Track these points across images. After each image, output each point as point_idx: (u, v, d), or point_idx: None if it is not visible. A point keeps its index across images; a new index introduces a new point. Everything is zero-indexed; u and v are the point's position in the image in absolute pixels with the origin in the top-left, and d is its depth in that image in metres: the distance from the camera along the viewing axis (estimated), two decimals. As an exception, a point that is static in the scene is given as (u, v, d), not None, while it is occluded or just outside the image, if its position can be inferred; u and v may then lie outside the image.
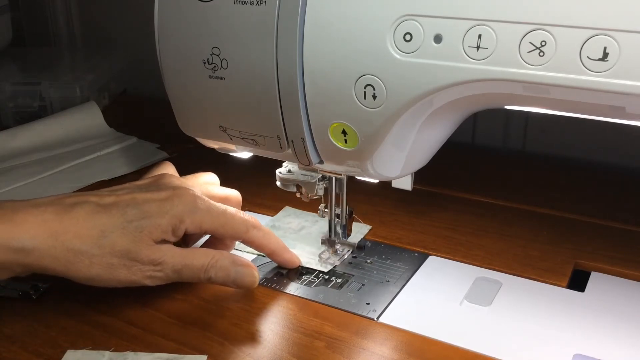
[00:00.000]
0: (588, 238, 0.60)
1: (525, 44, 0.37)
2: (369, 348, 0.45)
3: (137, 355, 0.44)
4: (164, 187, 0.50)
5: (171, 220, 0.47)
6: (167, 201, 0.48)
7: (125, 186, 0.51)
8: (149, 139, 0.84)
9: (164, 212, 0.47)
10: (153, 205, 0.47)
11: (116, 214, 0.46)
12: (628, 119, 0.41)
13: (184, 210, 0.48)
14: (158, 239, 0.47)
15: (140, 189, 0.50)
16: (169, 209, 0.47)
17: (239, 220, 0.50)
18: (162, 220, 0.47)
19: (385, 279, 0.53)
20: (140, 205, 0.47)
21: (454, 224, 0.62)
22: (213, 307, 0.50)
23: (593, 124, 0.48)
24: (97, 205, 0.47)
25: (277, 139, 0.48)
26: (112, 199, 0.47)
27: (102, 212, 0.46)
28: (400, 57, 0.40)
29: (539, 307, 0.50)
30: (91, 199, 0.47)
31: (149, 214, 0.47)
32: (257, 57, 0.45)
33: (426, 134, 0.47)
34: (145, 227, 0.46)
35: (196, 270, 0.48)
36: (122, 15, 1.10)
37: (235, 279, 0.49)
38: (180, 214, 0.47)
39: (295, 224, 0.63)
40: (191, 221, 0.48)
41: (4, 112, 0.90)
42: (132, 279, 0.47)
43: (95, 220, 0.46)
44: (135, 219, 0.46)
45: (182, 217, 0.47)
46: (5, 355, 0.45)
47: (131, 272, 0.47)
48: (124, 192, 0.49)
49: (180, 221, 0.47)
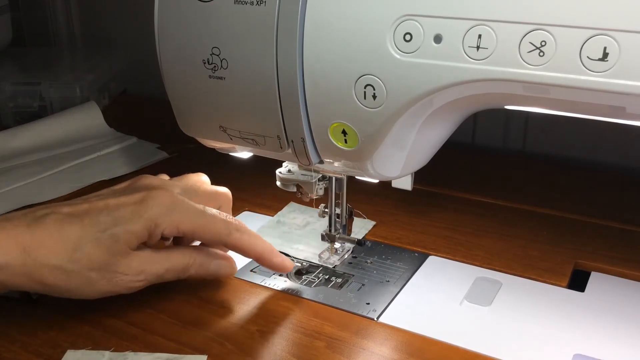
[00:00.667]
0: (588, 238, 0.60)
1: (525, 44, 0.37)
2: (369, 348, 0.45)
3: (137, 355, 0.44)
4: (139, 189, 0.48)
5: (146, 224, 0.45)
6: (141, 204, 0.45)
7: (101, 192, 0.49)
8: (149, 139, 0.84)
9: (138, 216, 0.45)
10: (127, 210, 0.45)
11: (89, 224, 0.44)
12: (628, 119, 0.41)
13: (159, 213, 0.45)
14: (135, 246, 0.46)
15: (114, 194, 0.48)
16: (142, 213, 0.45)
17: (220, 221, 0.48)
18: (137, 226, 0.45)
19: (385, 279, 0.53)
20: (113, 211, 0.45)
21: (454, 224, 0.62)
22: (213, 307, 0.50)
23: (593, 124, 0.48)
24: (69, 215, 0.45)
25: (277, 139, 0.48)
26: (84, 207, 0.45)
27: (74, 222, 0.44)
28: (400, 57, 0.40)
29: (539, 307, 0.50)
30: (63, 210, 0.45)
31: (123, 220, 0.45)
32: (257, 57, 0.45)
33: (426, 134, 0.47)
34: (120, 236, 0.44)
35: (177, 272, 0.48)
36: (122, 15, 1.10)
37: (214, 272, 0.50)
38: (154, 217, 0.45)
39: (300, 219, 0.63)
40: (167, 223, 0.46)
41: (4, 112, 0.90)
42: (115, 290, 0.46)
43: (67, 232, 0.44)
44: (109, 226, 0.44)
45: (157, 220, 0.45)
46: (5, 355, 0.45)
47: (112, 283, 0.45)
48: (97, 198, 0.47)
49: (156, 224, 0.45)
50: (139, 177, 0.51)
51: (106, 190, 0.50)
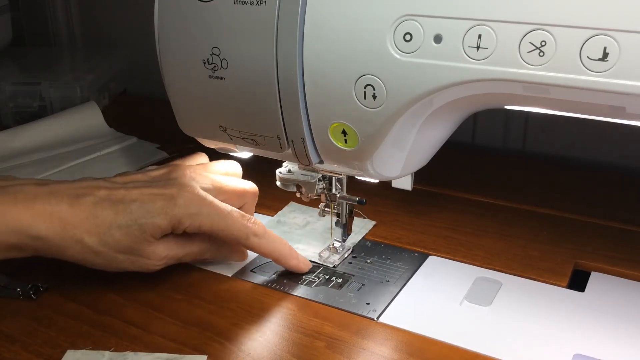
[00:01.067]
0: (588, 238, 0.60)
1: (525, 44, 0.37)
2: (369, 348, 0.45)
3: (137, 355, 0.44)
4: (172, 182, 0.51)
5: (171, 221, 0.49)
6: (170, 201, 0.49)
7: (137, 178, 0.53)
8: (149, 139, 0.84)
9: (165, 213, 0.48)
10: (157, 204, 0.49)
11: (122, 211, 0.48)
12: (628, 119, 0.41)
13: (185, 213, 0.49)
14: (159, 236, 0.49)
15: (149, 183, 0.51)
16: (169, 210, 0.49)
17: (239, 226, 0.50)
18: (163, 222, 0.48)
19: (385, 279, 0.53)
20: (145, 203, 0.49)
21: (454, 224, 0.62)
22: (213, 307, 0.50)
23: (593, 124, 0.48)
24: (105, 199, 0.49)
25: (277, 139, 0.48)
26: (120, 194, 0.49)
27: (109, 207, 0.48)
28: (400, 57, 0.40)
29: (539, 307, 0.50)
30: (100, 192, 0.49)
31: (151, 214, 0.48)
32: (257, 57, 0.45)
33: (426, 134, 0.47)
34: (147, 227, 0.48)
35: (194, 255, 0.53)
36: (122, 15, 1.10)
37: (226, 258, 0.55)
38: (179, 216, 0.49)
39: (301, 219, 0.63)
40: (190, 223, 0.49)
41: (4, 112, 0.90)
42: (136, 269, 0.50)
43: (102, 216, 0.48)
44: (138, 217, 0.48)
45: (181, 220, 0.49)
46: (5, 355, 0.45)
47: (135, 265, 0.50)
48: (133, 185, 0.51)
49: (179, 222, 0.49)
50: (176, 166, 0.54)
51: (142, 175, 0.53)
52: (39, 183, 0.50)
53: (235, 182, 0.56)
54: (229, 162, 0.57)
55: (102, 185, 0.50)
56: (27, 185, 0.49)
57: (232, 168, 0.57)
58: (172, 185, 0.50)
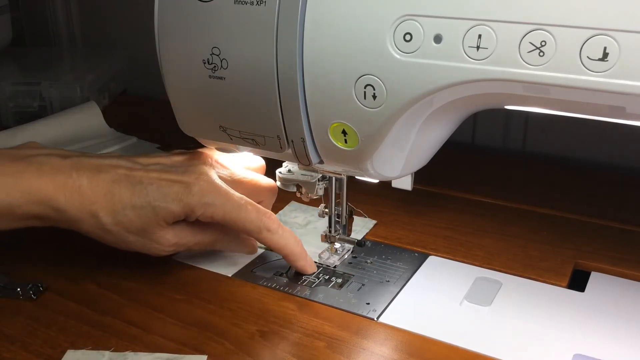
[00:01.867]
0: (588, 238, 0.60)
1: (525, 44, 0.37)
2: (369, 348, 0.45)
3: (137, 355, 0.44)
4: (191, 170, 0.51)
5: (184, 208, 0.49)
6: (186, 188, 0.49)
7: (159, 161, 0.53)
8: (149, 139, 0.84)
9: (179, 199, 0.49)
10: (173, 189, 0.49)
11: (138, 192, 0.49)
12: (628, 119, 0.41)
13: (198, 202, 0.49)
14: (171, 222, 0.50)
15: (169, 168, 0.52)
16: (183, 197, 0.49)
17: (253, 219, 0.51)
18: (176, 208, 0.49)
19: (385, 279, 0.53)
20: (162, 187, 0.49)
21: (454, 224, 0.62)
22: (213, 307, 0.50)
23: (593, 124, 0.48)
24: (124, 177, 0.50)
25: (277, 139, 0.48)
26: (139, 175, 0.50)
27: (127, 186, 0.49)
28: (400, 57, 0.40)
29: (539, 307, 0.50)
30: (120, 170, 0.50)
31: (166, 198, 0.49)
32: (257, 57, 0.45)
33: (426, 134, 0.47)
34: (160, 211, 0.49)
35: (205, 245, 0.53)
36: (122, 15, 1.10)
37: (236, 249, 0.56)
38: (193, 205, 0.49)
39: (302, 218, 0.63)
40: (202, 211, 0.50)
41: (4, 112, 0.90)
42: (144, 251, 0.51)
43: (119, 194, 0.49)
44: (153, 200, 0.49)
45: (194, 208, 0.49)
46: (5, 355, 0.45)
47: (145, 247, 0.51)
48: (154, 167, 0.51)
49: (192, 210, 0.49)
50: (199, 153, 0.54)
51: (165, 158, 0.54)
52: (64, 155, 0.51)
53: (255, 177, 0.56)
54: (253, 156, 0.58)
55: (124, 164, 0.51)
56: (52, 156, 0.51)
57: (255, 162, 0.58)
58: (191, 172, 0.51)
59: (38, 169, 0.49)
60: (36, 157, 0.50)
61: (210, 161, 0.53)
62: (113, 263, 0.54)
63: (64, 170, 0.49)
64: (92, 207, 0.49)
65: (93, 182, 0.49)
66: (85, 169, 0.50)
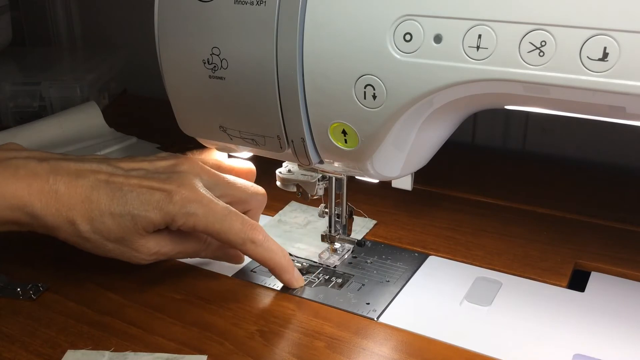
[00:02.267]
0: (588, 238, 0.60)
1: (525, 44, 0.37)
2: (369, 348, 0.45)
3: (137, 355, 0.44)
4: (174, 178, 0.49)
5: (165, 218, 0.48)
6: (167, 196, 0.48)
7: (142, 166, 0.51)
8: (149, 139, 0.84)
9: (159, 208, 0.47)
10: (153, 197, 0.48)
11: (117, 198, 0.48)
12: (628, 119, 0.41)
13: (179, 212, 0.47)
14: (151, 230, 0.48)
15: (151, 174, 0.50)
16: (164, 206, 0.47)
17: (237, 231, 0.48)
18: (156, 217, 0.47)
19: (385, 279, 0.53)
20: (142, 194, 0.48)
21: (454, 224, 0.62)
22: (213, 307, 0.50)
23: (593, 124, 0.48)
24: (104, 183, 0.48)
25: (277, 139, 0.48)
26: (119, 181, 0.49)
27: (106, 192, 0.48)
28: (400, 57, 0.40)
29: (539, 307, 0.50)
30: (100, 176, 0.49)
31: (146, 206, 0.47)
32: (257, 57, 0.45)
33: (426, 134, 0.47)
34: (139, 219, 0.47)
35: (188, 254, 0.52)
36: (122, 15, 1.10)
37: (222, 258, 0.54)
38: (174, 214, 0.47)
39: (302, 218, 0.63)
40: (183, 221, 0.48)
41: (4, 112, 0.90)
42: (124, 259, 0.50)
43: (97, 199, 0.48)
44: (132, 207, 0.47)
45: (175, 218, 0.48)
46: (5, 355, 0.45)
47: (124, 255, 0.49)
48: (136, 173, 0.50)
49: (173, 220, 0.48)
50: (185, 159, 0.52)
51: (149, 163, 0.52)
52: (42, 158, 0.49)
53: (243, 185, 0.54)
54: (247, 166, 0.56)
55: (104, 169, 0.50)
56: (30, 159, 0.49)
57: (244, 167, 0.56)
58: (173, 180, 0.49)
59: (14, 173, 0.47)
60: (13, 161, 0.49)
61: (195, 168, 0.51)
62: (113, 263, 0.54)
63: (40, 174, 0.48)
64: (69, 214, 0.47)
65: (71, 187, 0.48)
66: (63, 174, 0.48)
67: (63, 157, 0.51)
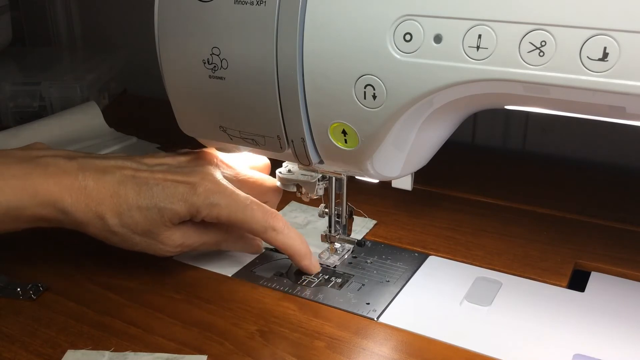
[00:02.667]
0: (588, 238, 0.60)
1: (525, 44, 0.37)
2: (369, 348, 0.45)
3: (137, 355, 0.44)
4: (196, 171, 0.51)
5: (190, 209, 0.49)
6: (191, 188, 0.50)
7: (166, 161, 0.53)
8: (149, 139, 0.84)
9: (184, 200, 0.49)
10: (178, 190, 0.50)
11: (144, 192, 0.49)
12: (628, 119, 0.41)
13: (203, 203, 0.49)
14: (177, 222, 0.50)
15: (175, 169, 0.52)
16: (188, 198, 0.49)
17: (258, 219, 0.51)
18: (181, 209, 0.49)
19: (385, 279, 0.53)
20: (167, 188, 0.50)
21: (454, 224, 0.62)
22: (213, 307, 0.50)
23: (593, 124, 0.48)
24: (130, 178, 0.50)
25: (277, 139, 0.48)
26: (144, 175, 0.50)
27: (132, 187, 0.50)
28: (400, 57, 0.40)
29: (539, 307, 0.50)
30: (126, 171, 0.50)
31: (172, 199, 0.49)
32: (257, 57, 0.45)
33: (426, 134, 0.47)
34: (165, 212, 0.49)
35: (210, 245, 0.53)
36: (122, 15, 1.10)
37: (242, 249, 0.56)
38: (198, 205, 0.49)
39: (302, 218, 0.63)
40: (207, 212, 0.50)
41: (4, 112, 0.90)
42: (150, 252, 0.51)
43: (125, 194, 0.49)
44: (159, 200, 0.49)
45: (200, 209, 0.50)
46: (5, 355, 0.45)
47: (150, 248, 0.51)
48: (160, 168, 0.52)
49: (198, 211, 0.50)
50: (205, 153, 0.54)
51: (171, 158, 0.54)
52: (70, 156, 0.51)
53: (260, 176, 0.56)
54: (263, 162, 0.58)
55: (129, 165, 0.51)
56: (58, 157, 0.51)
57: (260, 161, 0.58)
58: (196, 173, 0.51)
59: (44, 171, 0.49)
60: (42, 159, 0.50)
61: (215, 161, 0.54)
62: (113, 263, 0.54)
63: (70, 171, 0.50)
64: (98, 209, 0.49)
65: (99, 183, 0.49)
66: (91, 170, 0.50)
67: (88, 154, 0.53)
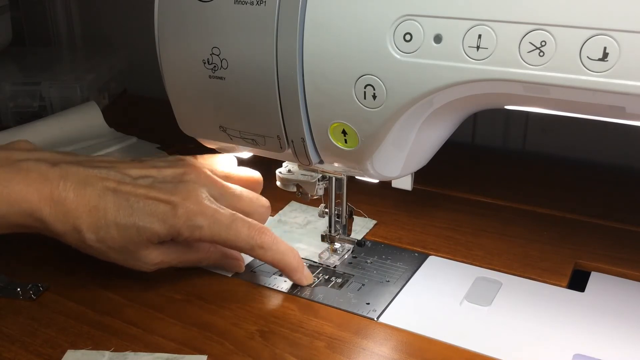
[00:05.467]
0: (588, 238, 0.60)
1: (525, 44, 0.37)
2: (369, 348, 0.45)
3: (137, 355, 0.44)
4: (180, 188, 0.49)
5: (170, 231, 0.48)
6: (172, 209, 0.48)
7: (150, 173, 0.51)
8: (149, 139, 0.84)
9: (164, 220, 0.48)
10: (159, 208, 0.48)
11: (123, 207, 0.48)
12: (628, 119, 0.41)
13: (184, 225, 0.48)
14: (155, 242, 0.49)
15: (159, 184, 0.50)
16: (168, 219, 0.48)
17: (244, 238, 0.49)
18: (161, 229, 0.48)
19: (385, 279, 0.53)
20: (148, 205, 0.48)
21: (454, 224, 0.62)
22: (213, 307, 0.50)
23: (593, 124, 0.48)
24: (111, 191, 0.48)
25: (277, 139, 0.48)
26: (127, 189, 0.49)
27: (112, 200, 0.48)
28: (400, 57, 0.40)
29: (539, 307, 0.50)
30: (108, 183, 0.49)
31: (151, 218, 0.48)
32: (257, 57, 0.45)
33: (426, 134, 0.47)
34: (143, 232, 0.48)
35: (190, 264, 0.52)
36: (122, 16, 1.10)
37: (224, 267, 0.54)
38: (179, 227, 0.48)
39: (301, 218, 0.63)
40: (189, 235, 0.48)
41: (4, 112, 0.90)
42: (127, 267, 0.50)
43: (104, 207, 0.48)
44: (138, 218, 0.48)
45: (180, 231, 0.48)
46: (5, 355, 0.45)
47: (127, 263, 0.50)
48: (143, 182, 0.50)
49: (178, 233, 0.48)
50: (192, 169, 0.52)
51: (156, 170, 0.51)
52: (53, 161, 0.50)
53: (248, 198, 0.54)
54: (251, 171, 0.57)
55: (112, 176, 0.50)
56: (41, 162, 0.49)
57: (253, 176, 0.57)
58: (179, 191, 0.49)
59: (25, 177, 0.48)
60: (25, 163, 0.49)
61: (202, 178, 0.51)
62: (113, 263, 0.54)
63: (51, 179, 0.48)
64: (75, 222, 0.48)
65: (79, 195, 0.48)
66: (72, 180, 0.48)
67: (74, 159, 0.51)
